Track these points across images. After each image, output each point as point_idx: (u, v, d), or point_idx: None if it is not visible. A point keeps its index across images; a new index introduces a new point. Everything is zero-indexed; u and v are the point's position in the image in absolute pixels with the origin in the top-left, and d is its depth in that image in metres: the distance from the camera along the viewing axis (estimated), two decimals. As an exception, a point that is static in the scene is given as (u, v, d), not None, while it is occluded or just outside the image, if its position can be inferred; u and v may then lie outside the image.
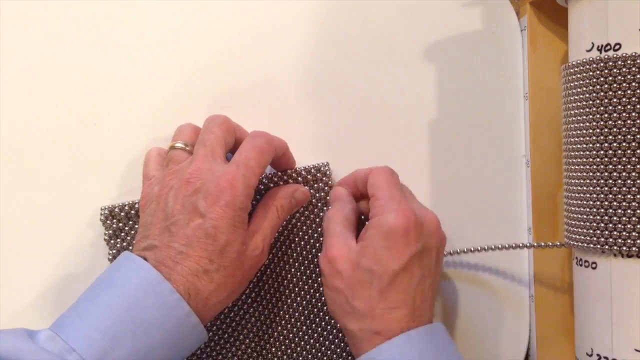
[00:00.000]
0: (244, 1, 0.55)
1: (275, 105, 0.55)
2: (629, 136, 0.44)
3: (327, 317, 0.55)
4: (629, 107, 0.43)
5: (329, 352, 0.55)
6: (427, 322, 0.46)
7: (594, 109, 0.45)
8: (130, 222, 0.54)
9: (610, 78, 0.44)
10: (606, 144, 0.44)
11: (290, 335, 0.55)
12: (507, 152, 0.56)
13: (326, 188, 0.54)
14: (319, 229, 0.54)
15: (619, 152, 0.44)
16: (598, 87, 0.44)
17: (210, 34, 0.55)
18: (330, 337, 0.55)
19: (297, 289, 0.55)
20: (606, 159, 0.44)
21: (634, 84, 0.43)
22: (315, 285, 0.55)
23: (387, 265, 0.45)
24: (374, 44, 0.55)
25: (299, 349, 0.55)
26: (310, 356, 0.55)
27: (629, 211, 0.44)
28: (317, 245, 0.54)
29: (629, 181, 0.44)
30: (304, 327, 0.55)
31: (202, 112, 0.54)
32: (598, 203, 0.45)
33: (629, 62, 0.43)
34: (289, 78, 0.55)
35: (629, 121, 0.43)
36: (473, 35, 0.55)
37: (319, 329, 0.55)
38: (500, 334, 0.56)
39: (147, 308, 0.43)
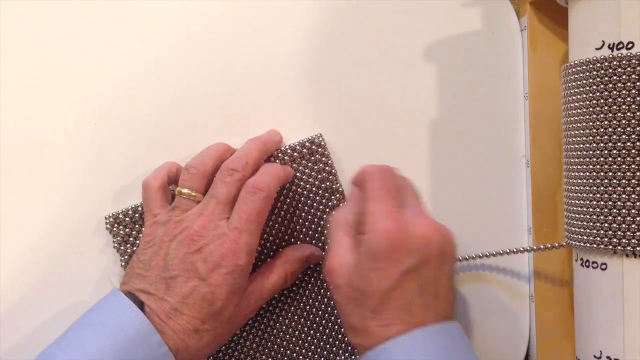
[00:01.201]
0: (244, 1, 0.53)
1: (275, 105, 0.54)
2: (642, 135, 0.42)
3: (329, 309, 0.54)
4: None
5: (334, 348, 0.53)
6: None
7: (606, 107, 0.43)
8: (137, 226, 0.53)
9: (625, 77, 0.42)
10: (620, 143, 0.43)
11: (296, 331, 0.53)
12: (507, 152, 0.55)
13: (323, 159, 0.53)
14: (323, 201, 0.53)
15: (634, 151, 0.43)
16: (610, 85, 0.43)
17: (210, 33, 0.54)
18: (333, 333, 0.53)
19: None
20: (619, 158, 0.43)
21: (647, 82, 0.42)
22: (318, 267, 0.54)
23: (377, 286, 0.42)
24: (374, 44, 0.54)
25: (306, 344, 0.53)
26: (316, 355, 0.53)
27: (643, 210, 0.43)
28: (324, 217, 0.53)
29: (641, 180, 0.43)
30: (310, 316, 0.53)
31: (202, 112, 0.54)
32: (610, 203, 0.44)
33: (643, 60, 0.42)
34: (289, 78, 0.54)
35: (644, 120, 0.42)
36: (473, 35, 0.54)
37: (318, 318, 0.53)
38: (500, 334, 0.54)
39: (135, 357, 0.43)
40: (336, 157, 0.54)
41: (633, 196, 0.43)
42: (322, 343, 0.53)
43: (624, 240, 0.43)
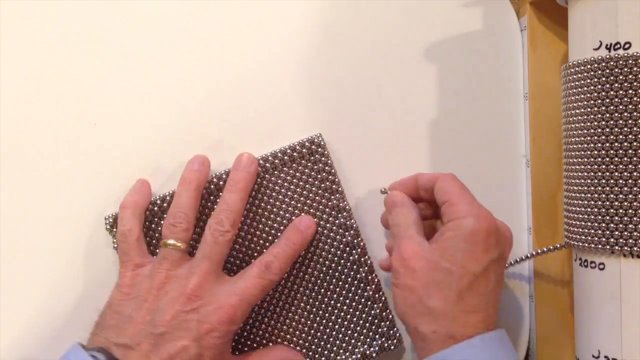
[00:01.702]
0: (244, 1, 0.53)
1: (275, 105, 0.54)
2: (640, 135, 0.42)
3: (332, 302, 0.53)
4: (640, 105, 0.42)
5: (334, 348, 0.53)
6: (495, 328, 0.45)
7: (604, 107, 0.43)
8: None
9: (622, 77, 0.42)
10: (617, 143, 0.43)
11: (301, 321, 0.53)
12: (507, 152, 0.54)
13: (323, 158, 0.52)
14: (323, 200, 0.53)
15: (630, 151, 0.42)
16: (608, 85, 0.43)
17: (210, 34, 0.53)
18: (334, 333, 0.53)
19: (302, 268, 0.53)
20: (617, 159, 0.43)
21: (644, 82, 0.42)
22: (321, 266, 0.53)
23: (468, 267, 0.43)
24: (374, 44, 0.54)
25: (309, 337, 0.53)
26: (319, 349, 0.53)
27: (639, 211, 0.42)
28: (324, 216, 0.53)
29: None
30: (312, 309, 0.53)
31: (202, 111, 0.53)
32: (608, 203, 0.43)
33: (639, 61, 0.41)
34: (289, 78, 0.54)
35: (640, 120, 0.42)
36: (473, 35, 0.54)
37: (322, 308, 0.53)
38: (500, 334, 0.54)
39: None
40: (336, 157, 0.53)
41: (630, 196, 0.43)
42: (322, 343, 0.53)
43: (621, 240, 0.43)
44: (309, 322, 0.53)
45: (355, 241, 0.52)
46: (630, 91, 0.42)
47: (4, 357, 0.52)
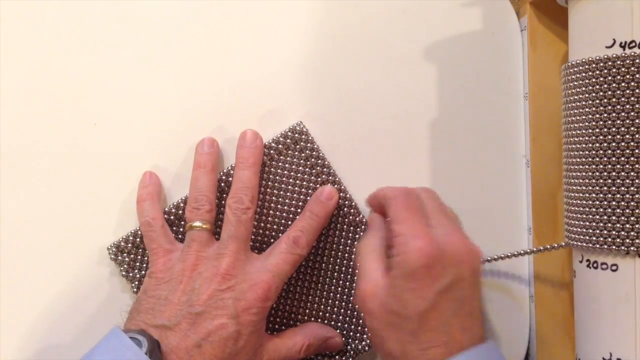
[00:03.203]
0: (243, 1, 0.52)
1: (275, 105, 0.53)
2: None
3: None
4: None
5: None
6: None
7: (619, 106, 0.42)
8: (140, 250, 0.51)
9: (639, 75, 0.40)
10: (624, 143, 0.42)
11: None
12: (507, 152, 0.53)
13: (308, 145, 0.51)
14: (317, 186, 0.51)
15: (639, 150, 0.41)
16: (624, 84, 0.42)
17: (209, 33, 0.52)
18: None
19: None
20: (633, 158, 0.42)
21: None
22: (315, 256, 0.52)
23: (414, 307, 0.41)
24: (373, 44, 0.53)
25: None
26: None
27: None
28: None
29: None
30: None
31: (202, 111, 0.52)
32: (624, 204, 0.42)
33: (655, 60, 0.40)
34: (289, 78, 0.53)
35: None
36: (473, 35, 0.53)
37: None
38: (500, 334, 0.53)
39: None
40: (336, 158, 0.52)
41: (645, 195, 0.41)
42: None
43: (637, 241, 0.42)
44: (319, 309, 0.52)
45: (357, 219, 0.51)
46: (646, 89, 0.41)
47: (5, 357, 0.51)
